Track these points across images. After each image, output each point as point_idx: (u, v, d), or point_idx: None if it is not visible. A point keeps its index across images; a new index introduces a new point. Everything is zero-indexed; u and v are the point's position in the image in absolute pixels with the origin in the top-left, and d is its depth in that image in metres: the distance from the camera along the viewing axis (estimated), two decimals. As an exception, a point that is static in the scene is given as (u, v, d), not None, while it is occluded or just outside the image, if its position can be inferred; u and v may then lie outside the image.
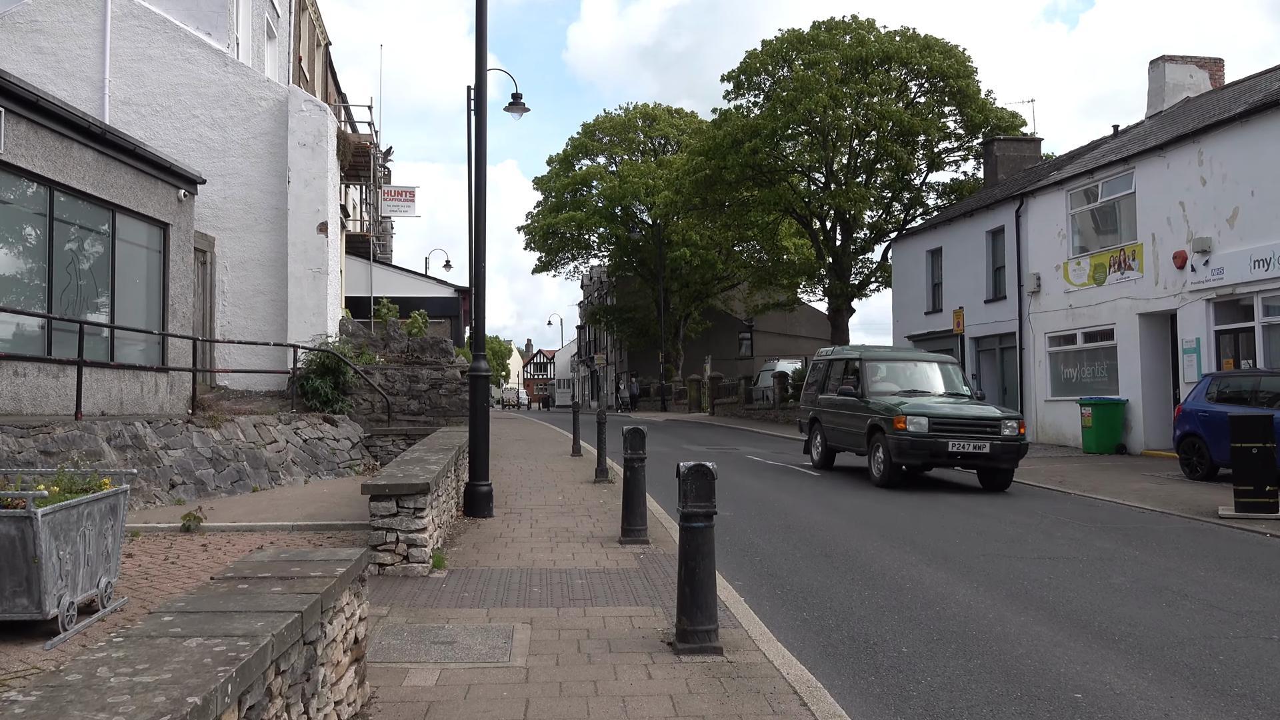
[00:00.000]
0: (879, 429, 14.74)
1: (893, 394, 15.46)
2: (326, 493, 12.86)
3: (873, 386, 15.80)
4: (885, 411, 14.70)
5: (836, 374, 17.30)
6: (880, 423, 14.69)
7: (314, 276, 17.67)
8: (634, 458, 9.49)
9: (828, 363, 18.06)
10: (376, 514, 7.83)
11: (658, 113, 59.58)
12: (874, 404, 15.17)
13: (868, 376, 16.01)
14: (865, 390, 15.73)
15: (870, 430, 15.01)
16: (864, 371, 16.12)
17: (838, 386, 16.72)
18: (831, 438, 17.08)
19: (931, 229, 29.81)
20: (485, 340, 11.35)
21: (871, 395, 15.52)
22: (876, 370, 16.24)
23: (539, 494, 12.97)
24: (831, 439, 17.09)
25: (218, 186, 17.77)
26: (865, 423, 15.17)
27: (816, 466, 17.52)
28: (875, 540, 10.16)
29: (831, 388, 17.22)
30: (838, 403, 16.63)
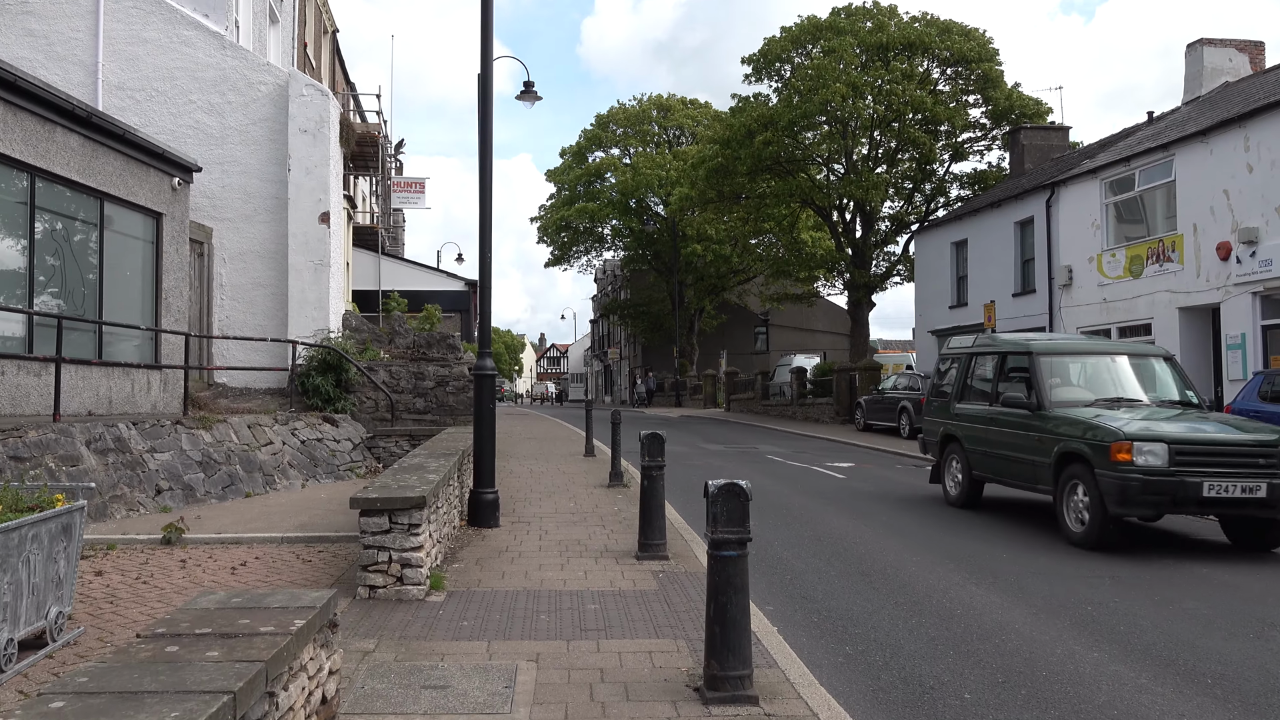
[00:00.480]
0: (1079, 459, 10.02)
1: (1087, 404, 10.85)
2: (324, 498, 12.10)
3: (1057, 393, 11.10)
4: (1089, 433, 9.99)
5: (983, 373, 12.64)
6: (1082, 450, 9.96)
7: (315, 269, 16.91)
8: (652, 465, 8.68)
9: (968, 357, 13.01)
10: (367, 530, 7.04)
11: (672, 104, 58.66)
12: (1063, 420, 10.57)
13: (1046, 378, 11.22)
14: (1044, 398, 10.99)
15: (1061, 461, 10.33)
16: (1039, 371, 11.26)
17: (993, 391, 11.99)
18: (982, 465, 12.04)
19: (956, 220, 28.86)
20: (491, 334, 10.56)
21: (1056, 406, 10.86)
22: (1063, 369, 11.58)
23: (549, 500, 12.18)
24: (982, 467, 12.06)
25: (215, 175, 17.02)
26: (1051, 449, 10.50)
27: (956, 501, 12.58)
28: (916, 556, 9.32)
29: (977, 392, 12.61)
30: (995, 416, 11.75)
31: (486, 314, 10.21)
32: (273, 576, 7.76)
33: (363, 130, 30.00)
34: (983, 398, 12.33)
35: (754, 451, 21.48)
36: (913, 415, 24.48)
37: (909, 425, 24.67)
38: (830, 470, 17.27)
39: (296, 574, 7.87)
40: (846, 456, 20.52)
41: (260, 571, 7.95)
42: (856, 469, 17.71)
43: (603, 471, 15.04)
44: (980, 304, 27.09)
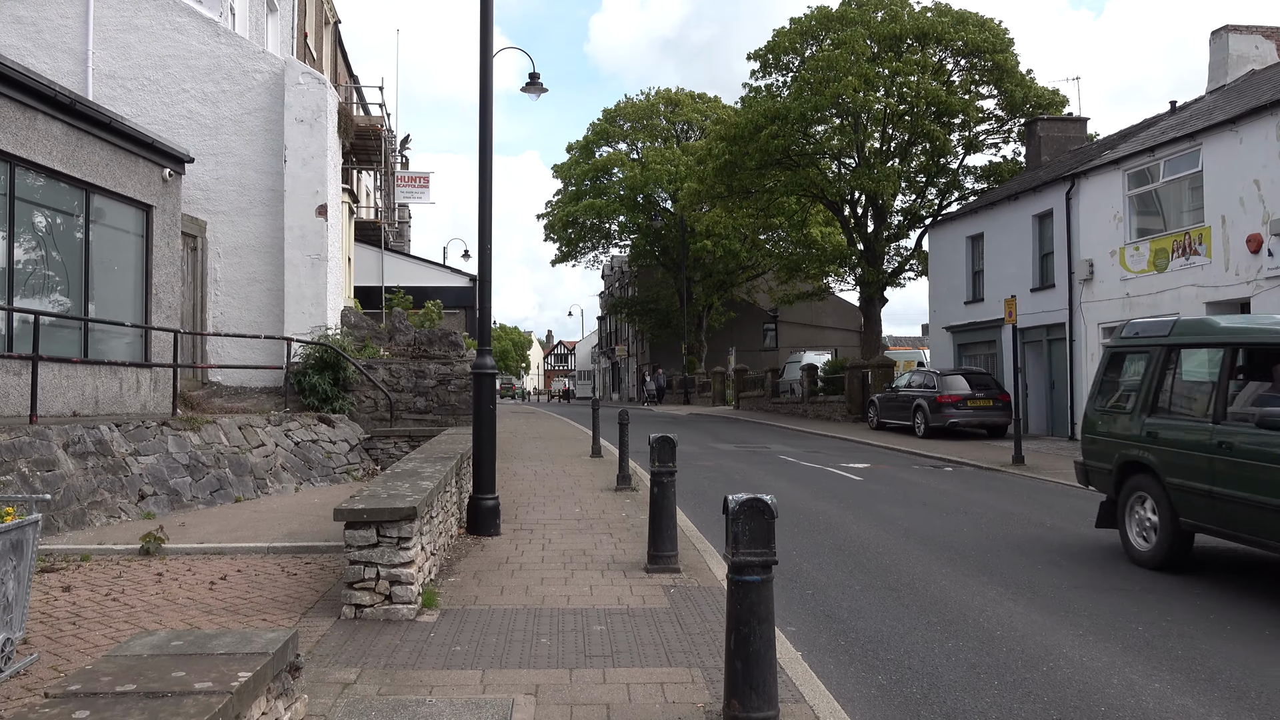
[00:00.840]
0: None
1: None
2: (317, 503, 11.52)
3: None
4: None
5: (1198, 373, 9.05)
6: None
7: (313, 263, 16.34)
8: (662, 471, 8.08)
9: (1164, 350, 8.94)
10: (353, 544, 6.47)
11: (681, 97, 58.00)
12: None
13: None
14: None
15: None
16: None
17: (1218, 401, 8.08)
18: (1197, 510, 8.10)
19: (972, 214, 28.17)
20: (492, 330, 9.98)
21: None
22: None
23: (554, 505, 11.59)
24: (1197, 513, 8.11)
25: (209, 166, 16.47)
26: None
27: (1150, 560, 8.63)
28: (944, 567, 8.71)
29: (1185, 402, 8.76)
30: (1230, 441, 7.74)
31: (486, 308, 9.62)
32: (253, 593, 7.19)
33: (365, 123, 29.47)
34: (1196, 410, 8.50)
35: (765, 451, 20.87)
36: (928, 414, 23.86)
37: (924, 424, 24.04)
38: (845, 472, 16.65)
39: (279, 589, 7.30)
40: (861, 457, 19.90)
41: (240, 586, 7.38)
42: (872, 470, 17.09)
43: (610, 474, 14.45)
44: (997, 299, 26.37)
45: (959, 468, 18.05)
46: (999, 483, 15.45)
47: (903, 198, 34.19)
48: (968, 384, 24.08)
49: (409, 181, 34.29)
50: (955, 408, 23.57)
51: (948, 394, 23.73)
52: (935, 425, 23.75)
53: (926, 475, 16.47)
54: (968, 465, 18.32)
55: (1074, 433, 22.84)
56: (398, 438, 14.46)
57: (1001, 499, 13.35)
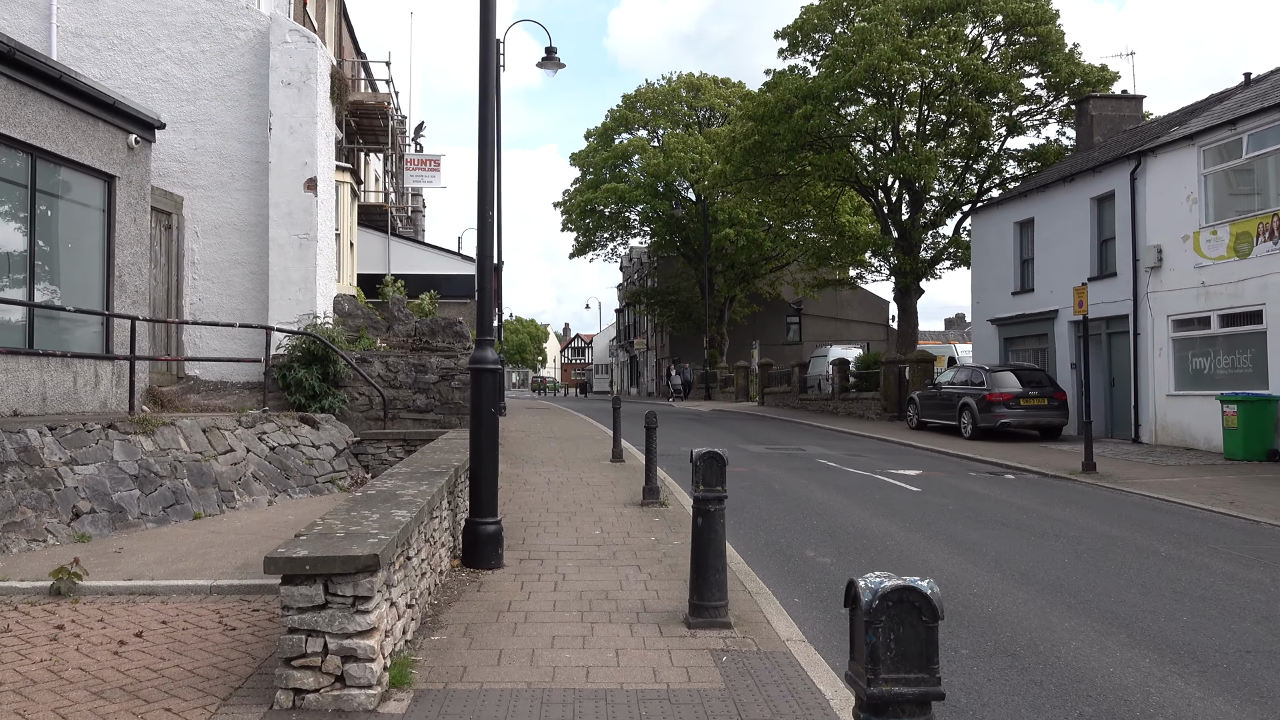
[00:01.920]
0: None
1: None
2: (290, 520, 9.77)
3: None
4: None
5: None
6: None
7: (300, 244, 14.60)
8: (709, 497, 6.27)
9: None
10: (291, 605, 4.68)
11: (703, 83, 56.04)
12: None
13: None
14: None
15: None
16: None
17: None
18: None
19: (1021, 197, 26.15)
20: (498, 317, 8.17)
21: None
22: None
23: (569, 524, 9.79)
24: None
25: (187, 135, 14.76)
26: None
27: None
28: (1069, 620, 6.85)
29: None
30: None
31: (487, 288, 7.82)
32: (171, 660, 5.42)
33: (372, 101, 27.77)
34: None
35: (801, 454, 19.01)
36: (976, 413, 21.94)
37: (971, 424, 22.12)
38: (897, 480, 14.79)
39: (206, 654, 5.53)
40: (908, 461, 18.02)
41: (158, 649, 5.62)
42: (926, 479, 15.22)
43: (634, 484, 12.64)
44: (1049, 289, 24.42)
45: (1021, 475, 16.16)
46: (1076, 495, 13.55)
47: (939, 183, 32.15)
48: (1018, 381, 22.14)
49: (420, 164, 32.57)
50: (1006, 407, 21.64)
51: (998, 392, 21.80)
52: (984, 426, 21.83)
53: (989, 485, 14.59)
54: (1030, 472, 16.43)
55: (1138, 434, 20.90)
56: (391, 441, 12.68)
57: (1090, 517, 11.46)
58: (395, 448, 12.51)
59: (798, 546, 9.29)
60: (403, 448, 12.45)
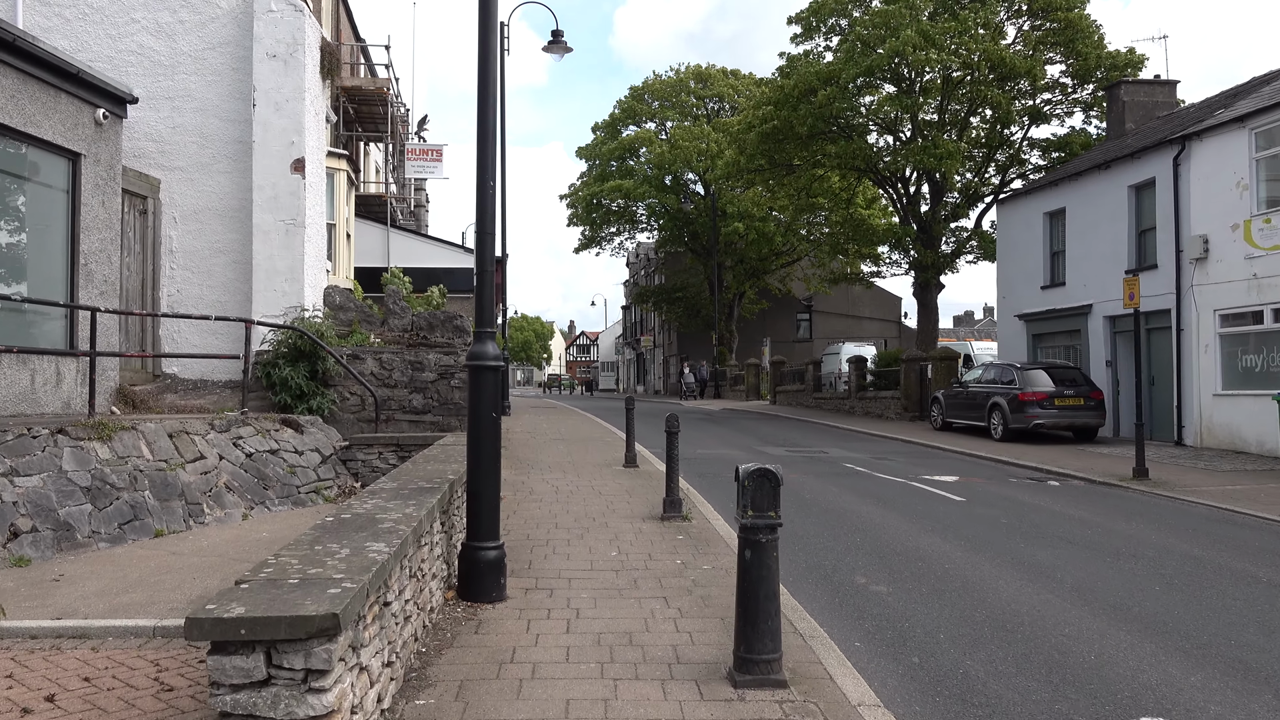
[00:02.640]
0: None
1: None
2: (264, 538, 8.61)
3: None
4: None
5: None
6: None
7: (287, 230, 13.44)
8: (760, 524, 5.08)
9: None
10: (224, 682, 3.51)
11: (712, 73, 54.81)
12: None
13: None
14: None
15: None
16: None
17: None
18: None
19: (1051, 187, 24.89)
20: (496, 305, 7.00)
21: None
22: None
23: (582, 543, 8.60)
24: None
25: (164, 113, 13.60)
26: None
27: None
28: (1197, 672, 5.66)
29: None
30: None
31: (487, 272, 6.64)
32: (80, 737, 4.25)
33: (371, 86, 26.59)
34: None
35: (825, 457, 17.81)
36: (1007, 414, 20.72)
37: (1002, 425, 20.90)
38: (936, 488, 13.60)
39: (128, 728, 4.36)
40: (940, 465, 16.82)
41: (71, 717, 4.45)
42: (966, 485, 14.03)
43: (652, 493, 11.47)
44: (1081, 283, 23.19)
45: (1066, 482, 14.95)
46: (1135, 506, 12.34)
47: (958, 175, 30.89)
48: (1051, 379, 20.92)
49: (421, 154, 31.35)
50: (1040, 407, 20.42)
51: (1031, 391, 20.57)
52: (1016, 427, 20.61)
53: (1037, 493, 13.38)
54: (1075, 478, 15.22)
55: (1181, 436, 19.68)
56: (383, 446, 11.49)
57: (1161, 532, 10.25)
58: (388, 453, 11.32)
59: (845, 570, 8.11)
60: (395, 453, 11.27)
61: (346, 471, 11.26)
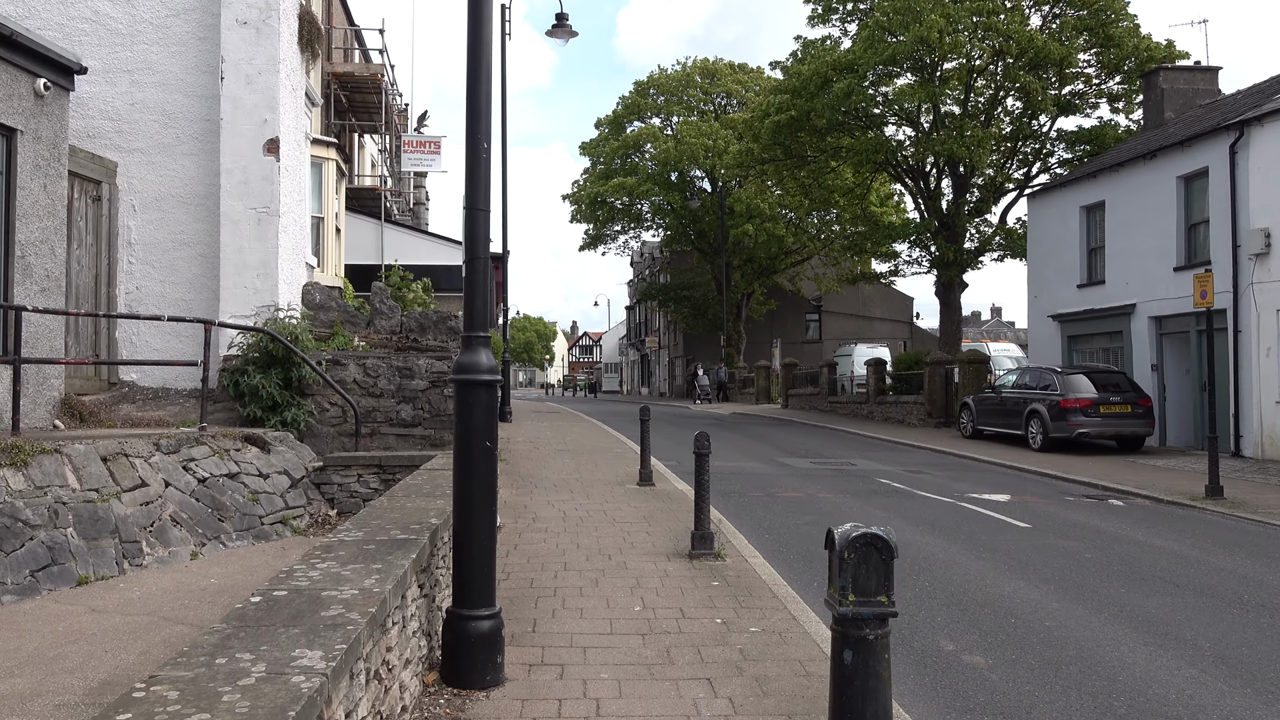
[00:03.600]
0: None
1: None
2: (213, 585, 7.08)
3: None
4: None
5: None
6: None
7: (259, 219, 11.93)
8: (866, 615, 3.51)
9: None
10: None
11: (718, 68, 53.28)
12: None
13: None
14: None
15: None
16: None
17: None
18: None
19: (1089, 178, 23.32)
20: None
21: None
22: None
23: (597, 592, 7.07)
24: None
25: (122, 87, 12.10)
26: None
27: None
28: None
29: None
30: None
31: (480, 260, 5.13)
32: None
33: (363, 72, 25.12)
34: None
35: (854, 470, 16.28)
36: (1047, 422, 19.19)
37: (1041, 434, 19.37)
38: (990, 509, 12.07)
39: None
40: (984, 481, 15.30)
41: None
42: (1023, 507, 12.50)
43: (673, 519, 9.96)
44: (1123, 281, 21.64)
45: (1130, 500, 13.43)
46: (1223, 533, 10.81)
47: (989, 165, 29.30)
48: (1094, 385, 19.38)
49: (418, 147, 29.81)
50: (1084, 414, 18.89)
51: (1074, 397, 19.04)
52: (1056, 436, 19.09)
53: (1105, 517, 11.85)
54: (1138, 496, 13.70)
55: (1239, 447, 18.14)
56: (364, 467, 9.92)
57: (1271, 570, 8.72)
58: (368, 475, 9.78)
59: (924, 630, 6.57)
60: (378, 475, 9.73)
61: (320, 497, 9.72)
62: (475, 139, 5.16)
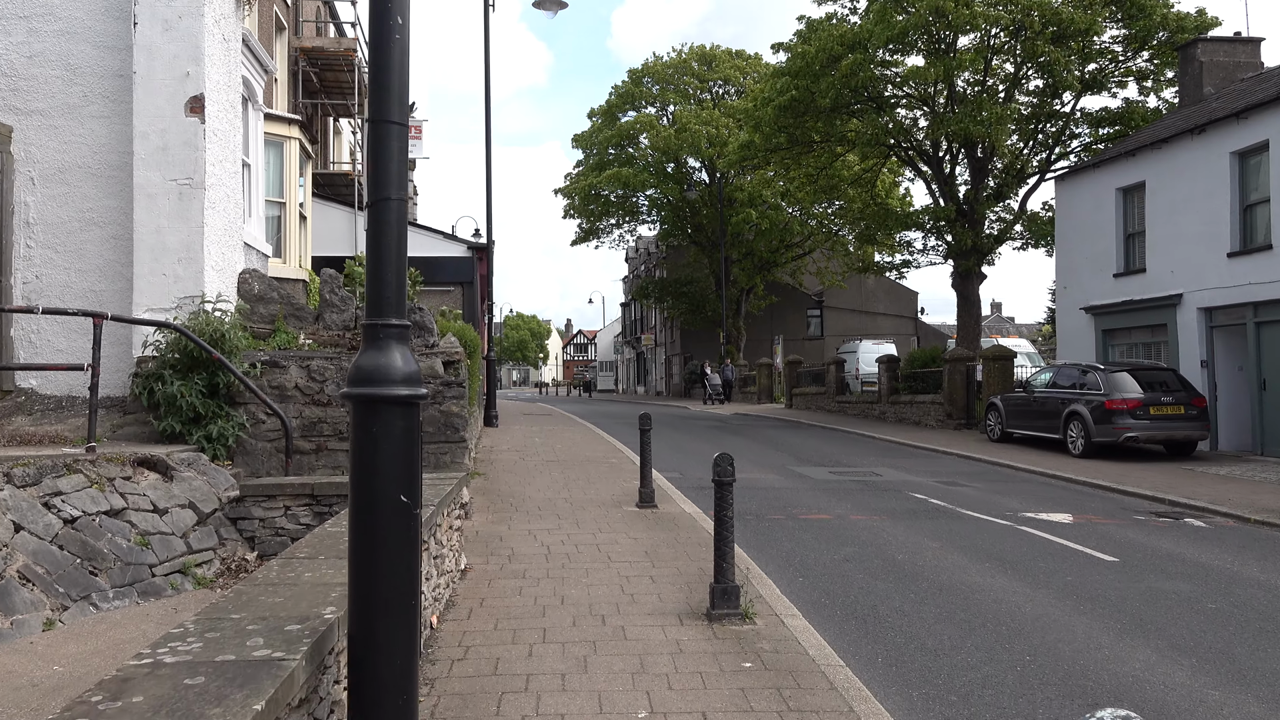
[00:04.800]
0: None
1: None
2: (57, 677, 5.09)
3: None
4: None
5: None
6: None
7: (180, 193, 9.94)
8: None
9: None
10: None
11: (717, 54, 51.27)
12: None
13: None
14: None
15: None
16: None
17: None
18: None
19: (1127, 157, 21.34)
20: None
21: None
22: None
23: (585, 682, 5.09)
24: None
25: (18, 37, 10.10)
26: None
27: None
28: None
29: None
30: None
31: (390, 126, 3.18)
32: None
33: (335, 47, 23.15)
34: None
35: (881, 482, 14.34)
36: (1090, 424, 17.27)
37: (1083, 438, 17.45)
38: (1057, 535, 10.13)
39: None
40: (1033, 495, 13.38)
41: None
42: (1096, 531, 10.57)
43: (683, 556, 8.02)
44: (1168, 269, 19.71)
45: (1210, 519, 11.51)
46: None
47: (1007, 144, 27.33)
48: (1140, 384, 17.46)
49: (397, 132, 27.74)
50: (1132, 416, 16.96)
51: (1120, 397, 17.11)
52: (1100, 440, 17.17)
53: (1197, 544, 9.91)
54: (1218, 514, 11.79)
55: (1305, 452, 16.20)
56: (292, 497, 7.82)
57: None
58: (298, 508, 7.76)
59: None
60: (310, 508, 7.73)
61: (238, 536, 7.72)
62: (384, 6, 3.19)
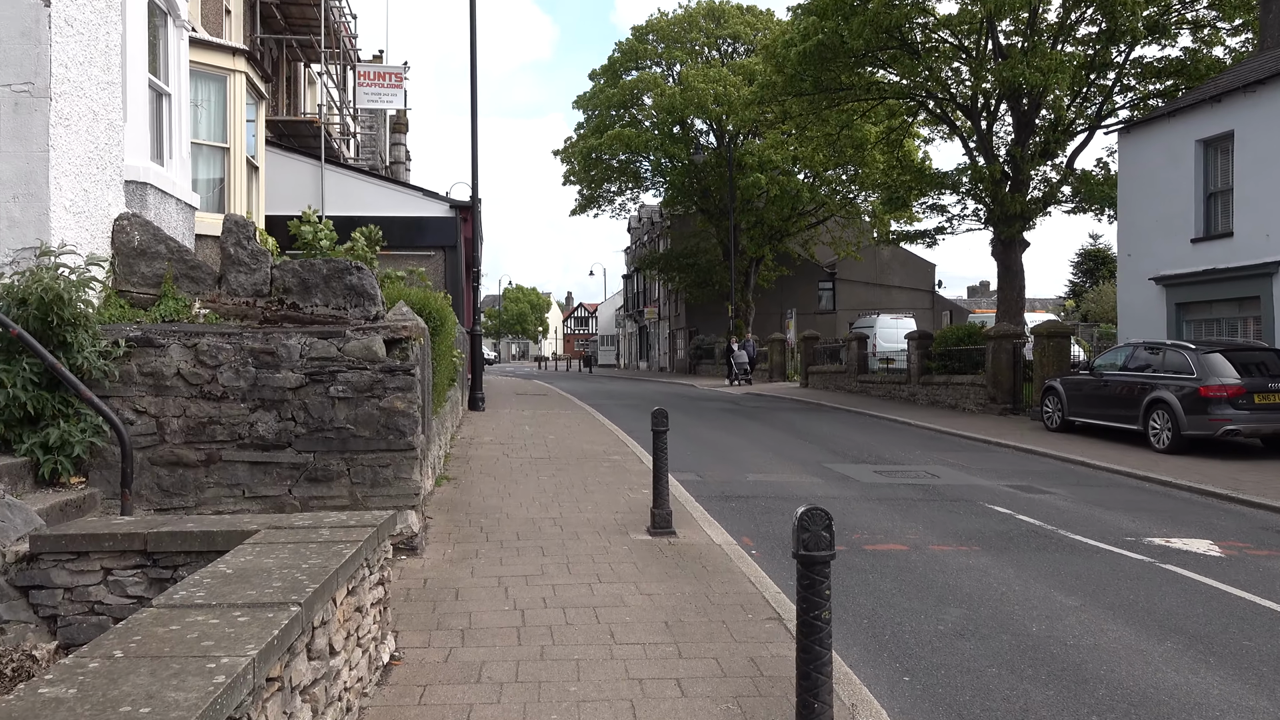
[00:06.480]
0: None
1: None
2: None
3: None
4: None
5: None
6: None
7: (15, 105, 7.19)
8: None
9: None
10: None
11: (726, 9, 48.22)
12: None
13: None
14: None
15: None
16: None
17: None
18: None
19: (1210, 103, 18.44)
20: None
21: None
22: None
23: None
24: None
25: None
26: None
27: None
28: None
29: None
30: None
31: None
32: None
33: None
34: None
35: (942, 486, 11.63)
36: (1180, 415, 14.59)
37: (1171, 431, 14.77)
38: (1216, 579, 7.46)
39: None
40: (1140, 506, 10.68)
41: None
42: (1260, 569, 7.88)
43: (724, 634, 5.30)
44: (1262, 233, 16.94)
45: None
46: None
47: (1065, 95, 24.41)
48: (1238, 367, 14.75)
49: (376, 79, 24.93)
50: (1232, 406, 14.28)
51: (1217, 383, 14.41)
52: (1191, 434, 14.49)
53: None
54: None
55: None
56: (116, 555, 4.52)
57: None
58: (125, 573, 4.78)
59: None
60: (142, 573, 4.80)
61: (31, 615, 4.89)
62: None
